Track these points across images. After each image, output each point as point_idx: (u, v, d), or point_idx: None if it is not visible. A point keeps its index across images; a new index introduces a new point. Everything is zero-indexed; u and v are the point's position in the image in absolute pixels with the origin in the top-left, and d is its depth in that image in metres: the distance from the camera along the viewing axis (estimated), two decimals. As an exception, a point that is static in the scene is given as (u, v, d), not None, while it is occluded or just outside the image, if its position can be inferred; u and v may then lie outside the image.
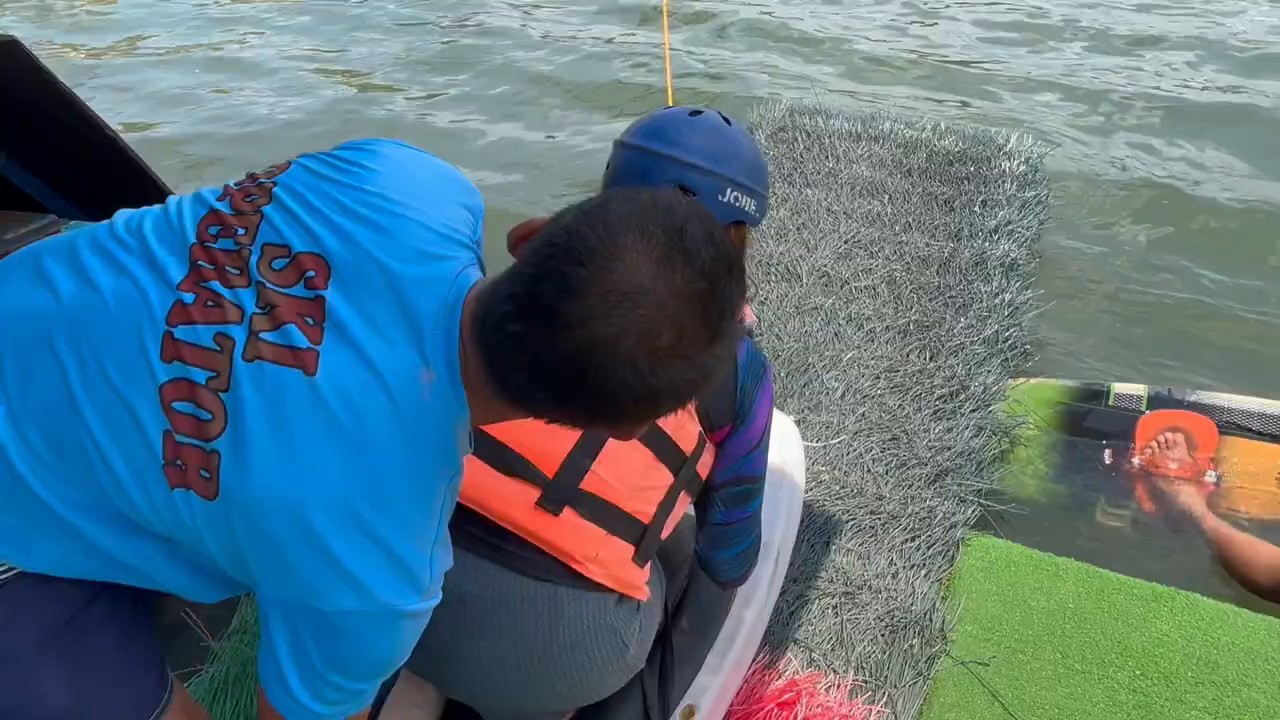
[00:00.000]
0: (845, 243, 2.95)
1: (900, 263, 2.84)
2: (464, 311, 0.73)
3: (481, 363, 0.72)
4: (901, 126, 3.70)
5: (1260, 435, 2.20)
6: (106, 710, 0.88)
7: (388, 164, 0.80)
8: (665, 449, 1.10)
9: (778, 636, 1.67)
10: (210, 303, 0.73)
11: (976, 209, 3.12)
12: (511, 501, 1.07)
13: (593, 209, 0.68)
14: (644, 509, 1.11)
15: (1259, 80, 4.71)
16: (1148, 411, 2.26)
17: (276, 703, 0.79)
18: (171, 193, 0.88)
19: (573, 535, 1.07)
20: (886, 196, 3.20)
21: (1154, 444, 2.20)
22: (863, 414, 2.24)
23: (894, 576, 1.81)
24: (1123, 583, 1.82)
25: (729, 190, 1.10)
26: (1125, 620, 1.75)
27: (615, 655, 1.13)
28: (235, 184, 0.81)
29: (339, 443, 0.71)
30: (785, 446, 1.72)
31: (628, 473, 1.09)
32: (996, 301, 2.62)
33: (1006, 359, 2.45)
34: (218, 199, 0.79)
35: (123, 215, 0.81)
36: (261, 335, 0.72)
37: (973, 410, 2.25)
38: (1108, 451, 2.22)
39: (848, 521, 1.93)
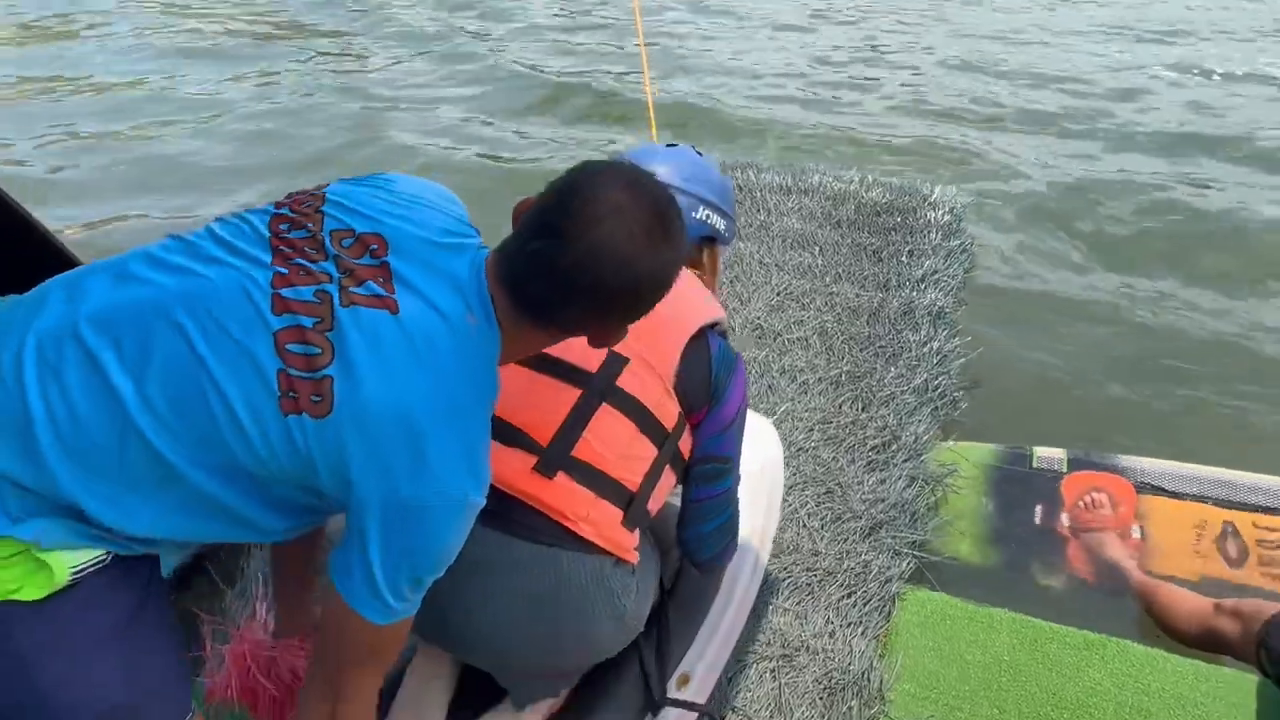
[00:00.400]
0: (777, 295, 2.99)
1: (831, 314, 2.88)
2: (487, 270, 0.97)
3: (508, 296, 0.96)
4: (830, 179, 3.79)
5: (1175, 495, 2.26)
6: (154, 709, 0.99)
7: (403, 179, 1.05)
8: (648, 423, 1.22)
9: (716, 704, 1.63)
10: (303, 271, 0.93)
11: (904, 259, 3.19)
12: (511, 467, 1.16)
13: (576, 171, 0.97)
14: (630, 477, 1.20)
15: (1202, 130, 4.94)
16: (1069, 473, 2.32)
17: (360, 604, 0.93)
18: (80, 261, 0.95)
19: (566, 496, 1.17)
20: (817, 248, 3.26)
21: (1081, 502, 2.25)
22: (797, 467, 2.23)
23: (831, 635, 1.79)
24: (1055, 631, 1.83)
25: (701, 208, 1.32)
26: (1059, 671, 1.75)
27: (615, 614, 1.21)
28: (285, 197, 1.02)
29: (421, 364, 0.91)
30: (765, 445, 1.84)
31: (615, 442, 1.20)
32: (925, 350, 2.67)
33: (936, 408, 2.49)
34: (277, 207, 1.00)
35: (181, 233, 0.99)
36: (351, 289, 0.92)
37: (905, 460, 2.26)
38: (1038, 509, 2.25)
39: (784, 580, 1.91)
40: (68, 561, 0.90)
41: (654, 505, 1.25)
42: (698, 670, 1.50)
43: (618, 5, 7.53)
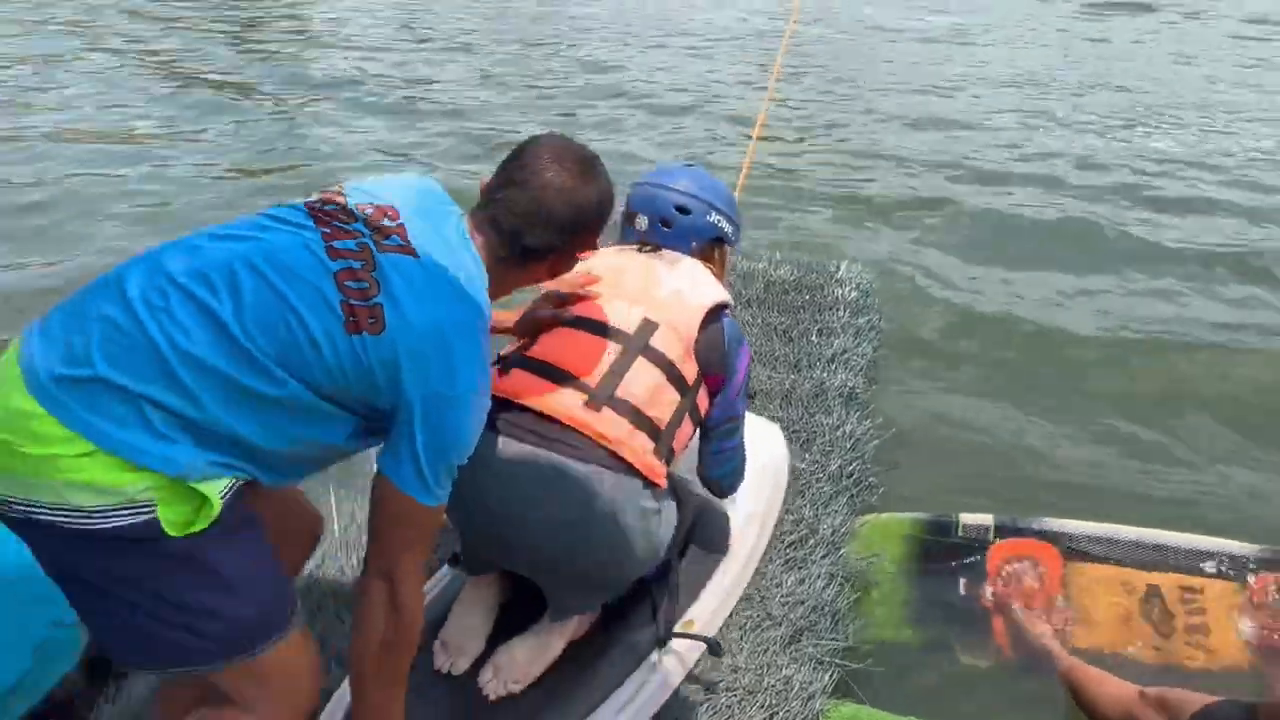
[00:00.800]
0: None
1: (744, 399, 2.80)
2: (469, 225, 1.31)
3: (486, 240, 1.31)
4: (738, 258, 3.78)
5: (1100, 560, 2.24)
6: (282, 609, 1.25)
7: (391, 175, 1.37)
8: (674, 375, 1.53)
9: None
10: (342, 231, 1.20)
11: (814, 338, 3.16)
12: (566, 402, 1.46)
13: (523, 142, 1.36)
14: (660, 416, 1.50)
15: (1094, 204, 5.09)
16: (996, 540, 2.27)
17: (411, 489, 1.18)
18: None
19: (611, 425, 1.45)
20: (728, 330, 3.21)
21: (1005, 574, 2.20)
22: (714, 571, 2.12)
23: (754, 767, 1.66)
24: (986, 742, 1.75)
25: (712, 213, 1.70)
26: (992, 788, 1.66)
27: (645, 531, 1.46)
28: (312, 194, 1.29)
29: (441, 294, 1.19)
30: (773, 445, 2.24)
31: (648, 387, 1.50)
32: (838, 435, 2.61)
33: (853, 496, 2.42)
34: (306, 196, 1.28)
35: (218, 225, 1.23)
36: (382, 241, 1.20)
37: (824, 556, 2.17)
38: (962, 582, 2.20)
39: (702, 704, 1.77)
40: (215, 490, 1.12)
41: (677, 446, 1.56)
42: (700, 618, 1.75)
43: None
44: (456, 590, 1.67)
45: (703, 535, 1.78)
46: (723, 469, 1.70)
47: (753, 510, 1.99)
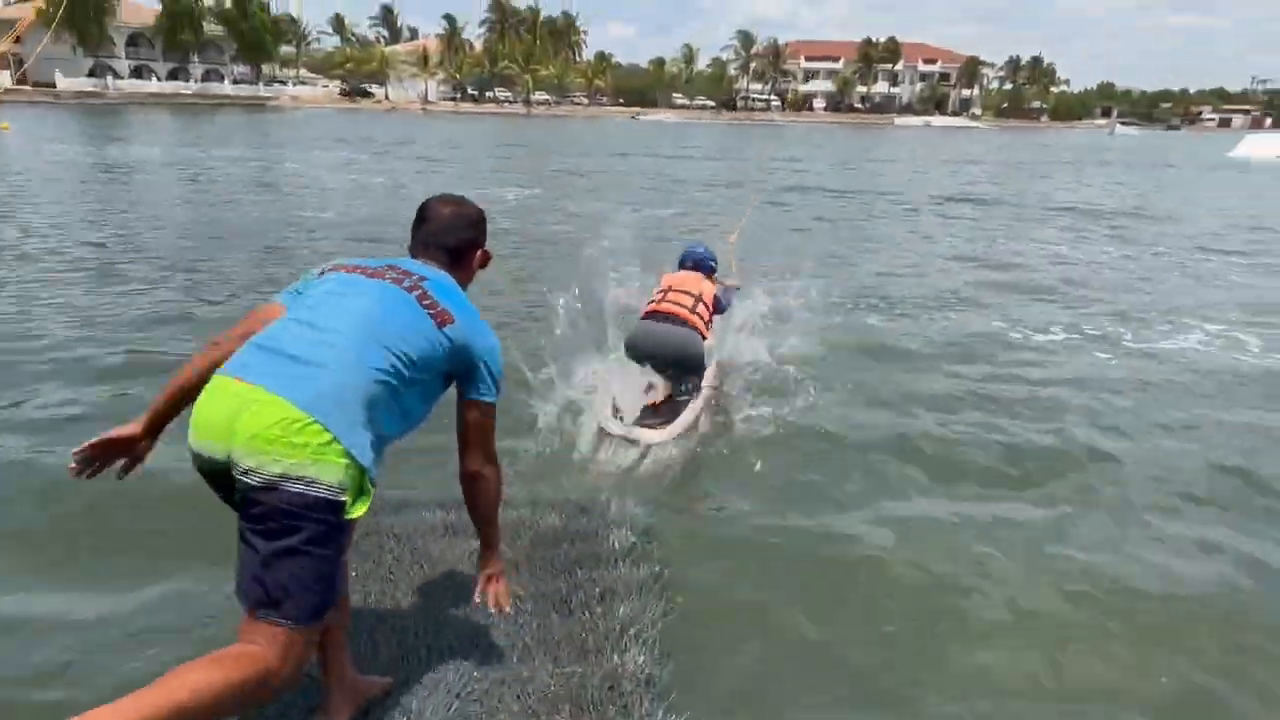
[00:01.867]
0: (456, 697, 2.34)
1: (524, 714, 2.29)
2: (414, 255, 2.25)
3: (425, 258, 2.22)
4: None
5: None
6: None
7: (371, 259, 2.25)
8: (708, 310, 4.88)
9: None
10: (395, 277, 2.07)
11: (597, 606, 2.75)
12: (682, 312, 4.72)
13: (421, 203, 2.31)
14: (707, 319, 4.86)
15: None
16: None
17: (493, 397, 2.11)
18: None
19: (697, 320, 4.74)
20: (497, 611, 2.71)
21: None
22: None
23: None
24: None
25: (711, 261, 5.25)
26: None
27: (702, 353, 4.69)
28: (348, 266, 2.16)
29: (453, 293, 2.12)
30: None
31: (704, 314, 4.83)
32: (646, 752, 2.17)
33: None
34: (349, 270, 2.11)
35: (326, 280, 2.11)
36: (415, 279, 2.09)
37: None
38: None
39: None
40: (371, 495, 1.87)
41: (712, 328, 4.98)
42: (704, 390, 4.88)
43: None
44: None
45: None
46: (728, 306, 5.05)
47: (711, 372, 5.07)
